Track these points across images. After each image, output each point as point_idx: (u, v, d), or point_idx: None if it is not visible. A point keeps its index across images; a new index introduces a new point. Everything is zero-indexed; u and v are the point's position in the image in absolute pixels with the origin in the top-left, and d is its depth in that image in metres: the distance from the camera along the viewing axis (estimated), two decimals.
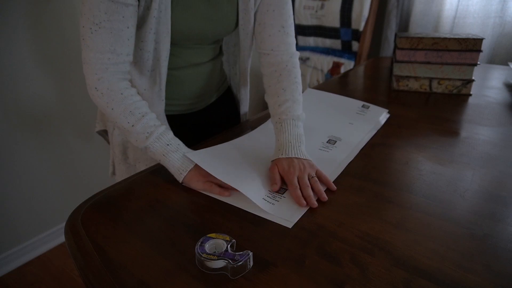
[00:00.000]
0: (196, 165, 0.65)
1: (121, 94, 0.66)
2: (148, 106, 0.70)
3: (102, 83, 0.65)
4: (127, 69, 0.69)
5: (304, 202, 0.59)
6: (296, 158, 0.67)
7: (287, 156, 0.67)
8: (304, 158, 0.67)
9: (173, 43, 0.74)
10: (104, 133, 0.97)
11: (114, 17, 0.62)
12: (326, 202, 0.59)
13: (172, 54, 0.76)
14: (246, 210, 0.57)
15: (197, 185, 0.63)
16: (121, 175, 0.91)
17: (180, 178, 0.65)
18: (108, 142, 0.98)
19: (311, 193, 0.61)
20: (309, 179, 0.63)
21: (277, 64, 0.81)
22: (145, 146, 0.66)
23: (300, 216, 0.56)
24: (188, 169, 0.64)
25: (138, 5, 0.65)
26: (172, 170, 0.66)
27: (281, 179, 0.65)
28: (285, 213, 0.56)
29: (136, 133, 0.66)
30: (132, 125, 0.66)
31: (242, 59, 0.88)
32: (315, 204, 0.59)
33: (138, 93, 0.73)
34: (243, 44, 0.84)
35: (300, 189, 0.61)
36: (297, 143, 0.70)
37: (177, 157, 0.66)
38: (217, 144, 0.77)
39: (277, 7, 0.78)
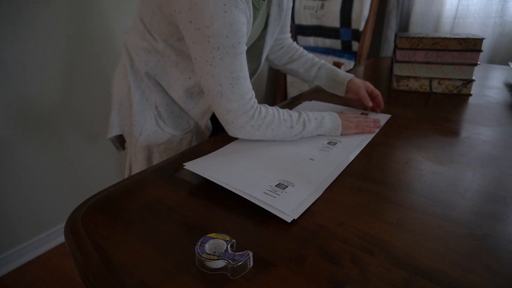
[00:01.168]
0: (340, 117, 0.82)
1: (265, 117, 0.74)
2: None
3: (255, 119, 0.73)
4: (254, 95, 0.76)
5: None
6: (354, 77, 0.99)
7: (351, 77, 0.97)
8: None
9: None
10: (116, 139, 0.97)
11: (244, 63, 0.70)
12: (326, 202, 0.59)
13: None
14: (248, 199, 0.57)
15: (350, 131, 0.82)
16: None
17: (338, 133, 0.81)
18: (118, 149, 0.99)
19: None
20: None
21: (285, 43, 1.04)
22: (304, 132, 0.78)
23: (301, 213, 0.55)
24: (340, 124, 0.81)
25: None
26: (329, 132, 0.81)
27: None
28: (285, 207, 0.56)
29: (296, 129, 0.77)
30: (291, 127, 0.76)
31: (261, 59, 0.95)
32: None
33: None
34: (268, 45, 0.91)
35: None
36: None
37: (328, 121, 0.80)
38: (217, 142, 0.76)
39: (290, 9, 0.94)
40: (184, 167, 0.67)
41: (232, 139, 0.80)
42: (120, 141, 0.98)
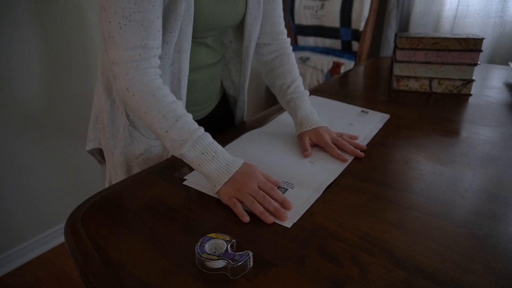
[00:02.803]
0: (231, 179, 0.60)
1: (153, 96, 0.61)
2: None
3: (133, 84, 0.61)
4: (158, 63, 0.64)
5: (349, 155, 0.74)
6: (318, 127, 0.77)
7: (311, 128, 0.77)
8: (323, 125, 0.79)
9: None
10: (96, 152, 0.92)
11: (144, 7, 0.57)
12: (326, 202, 0.59)
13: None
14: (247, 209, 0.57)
15: (224, 198, 0.59)
16: None
17: (214, 190, 0.60)
18: (100, 162, 0.94)
19: (350, 147, 0.74)
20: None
21: (277, 50, 0.87)
22: (180, 154, 0.61)
23: (300, 216, 0.56)
24: (222, 183, 0.59)
25: None
26: (208, 181, 0.61)
27: (311, 147, 0.76)
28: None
29: (171, 139, 0.60)
30: (166, 131, 0.60)
31: (245, 52, 0.83)
32: (361, 154, 0.74)
33: None
34: (248, 34, 0.80)
35: (339, 147, 0.74)
36: (312, 115, 0.81)
37: (212, 168, 0.60)
38: None
39: None
40: (185, 182, 0.65)
41: (228, 142, 0.80)
42: (102, 154, 0.92)
